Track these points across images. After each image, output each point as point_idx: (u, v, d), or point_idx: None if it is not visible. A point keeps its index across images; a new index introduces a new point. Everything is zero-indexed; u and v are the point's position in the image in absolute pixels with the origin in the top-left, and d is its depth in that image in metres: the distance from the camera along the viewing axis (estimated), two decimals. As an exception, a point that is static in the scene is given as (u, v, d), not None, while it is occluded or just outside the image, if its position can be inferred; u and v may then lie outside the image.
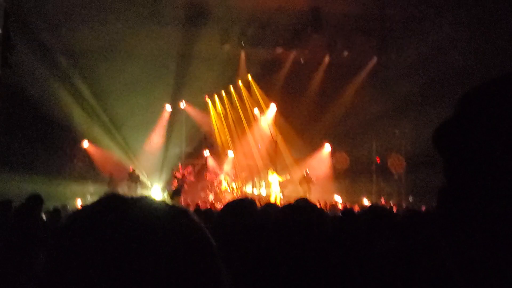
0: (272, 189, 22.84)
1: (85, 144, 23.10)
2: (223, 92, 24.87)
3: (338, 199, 22.22)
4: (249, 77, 24.70)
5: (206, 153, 25.39)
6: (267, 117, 25.48)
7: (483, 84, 0.90)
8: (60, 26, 19.72)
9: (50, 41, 20.21)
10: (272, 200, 20.54)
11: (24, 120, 19.06)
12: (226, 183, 23.65)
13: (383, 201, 19.93)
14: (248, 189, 24.54)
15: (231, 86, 24.81)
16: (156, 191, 23.32)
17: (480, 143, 0.85)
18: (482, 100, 0.89)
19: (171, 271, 0.93)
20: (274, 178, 22.87)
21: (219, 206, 19.51)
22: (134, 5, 19.07)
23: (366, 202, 20.27)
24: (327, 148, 26.18)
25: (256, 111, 25.42)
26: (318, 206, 6.38)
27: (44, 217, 8.73)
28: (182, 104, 24.10)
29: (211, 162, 25.41)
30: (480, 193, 0.84)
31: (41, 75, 19.36)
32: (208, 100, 24.82)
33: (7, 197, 8.55)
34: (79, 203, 20.47)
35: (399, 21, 21.22)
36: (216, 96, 24.91)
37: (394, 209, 13.65)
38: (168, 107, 24.26)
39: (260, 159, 25.38)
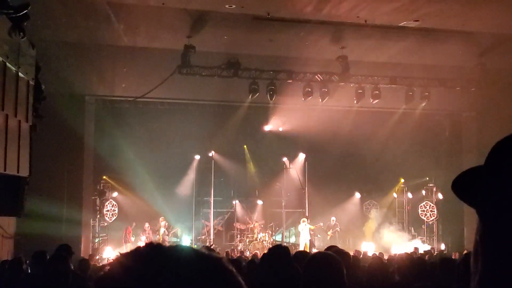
0: (302, 237, 22.68)
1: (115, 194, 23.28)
2: (252, 141, 24.95)
3: (367, 246, 21.95)
4: (278, 125, 24.80)
5: (235, 201, 25.37)
6: (296, 166, 25.47)
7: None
8: (91, 76, 20.08)
9: (81, 90, 20.61)
10: (302, 248, 20.37)
11: (56, 167, 19.09)
12: (255, 232, 23.54)
13: (414, 249, 19.58)
14: (278, 238, 24.38)
15: (260, 135, 24.88)
16: (186, 240, 23.26)
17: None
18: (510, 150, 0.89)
19: None
20: (304, 227, 22.73)
21: (248, 254, 19.40)
22: (166, 58, 19.47)
23: (395, 250, 19.94)
24: (357, 196, 26.03)
25: (285, 159, 25.46)
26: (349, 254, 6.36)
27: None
28: (211, 153, 24.18)
29: (240, 210, 25.37)
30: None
31: (74, 124, 19.52)
32: (237, 149, 24.89)
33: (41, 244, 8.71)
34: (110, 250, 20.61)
35: (424, 67, 21.35)
36: (245, 146, 25.03)
37: (426, 257, 13.48)
38: (197, 157, 24.42)
39: (289, 208, 25.28)
